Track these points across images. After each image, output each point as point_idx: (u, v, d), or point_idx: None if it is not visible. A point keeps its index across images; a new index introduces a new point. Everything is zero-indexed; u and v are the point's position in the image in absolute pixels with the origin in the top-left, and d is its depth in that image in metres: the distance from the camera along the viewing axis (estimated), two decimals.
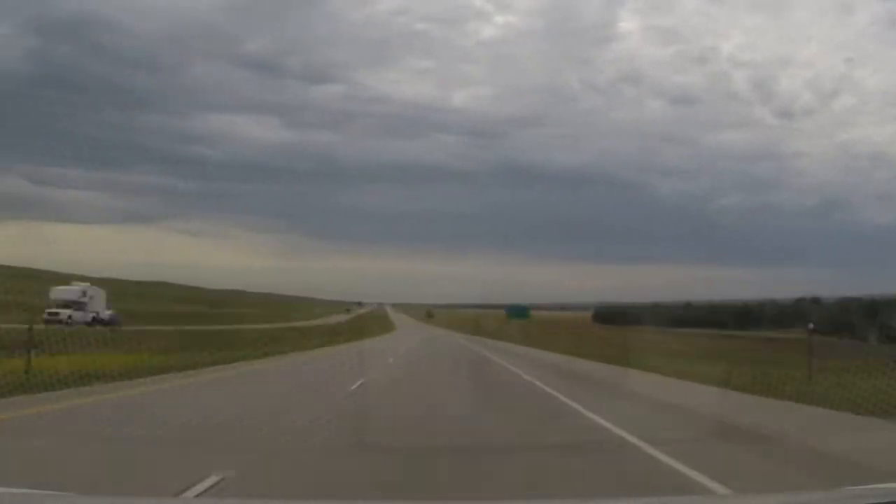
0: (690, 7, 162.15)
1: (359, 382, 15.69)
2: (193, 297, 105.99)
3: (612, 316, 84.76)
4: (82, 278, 42.60)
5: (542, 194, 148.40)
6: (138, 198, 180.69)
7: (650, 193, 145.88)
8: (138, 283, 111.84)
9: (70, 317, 35.20)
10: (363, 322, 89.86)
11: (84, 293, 38.99)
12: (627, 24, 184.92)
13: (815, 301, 78.59)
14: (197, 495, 5.45)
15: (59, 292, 37.88)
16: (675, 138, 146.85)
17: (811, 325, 24.15)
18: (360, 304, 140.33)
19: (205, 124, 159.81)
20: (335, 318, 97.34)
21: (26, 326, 15.94)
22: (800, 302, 79.83)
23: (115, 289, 60.33)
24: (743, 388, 14.05)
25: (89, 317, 37.13)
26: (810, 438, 8.81)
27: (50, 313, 34.59)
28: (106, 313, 40.46)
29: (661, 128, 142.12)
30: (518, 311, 73.68)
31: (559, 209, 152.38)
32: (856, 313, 60.42)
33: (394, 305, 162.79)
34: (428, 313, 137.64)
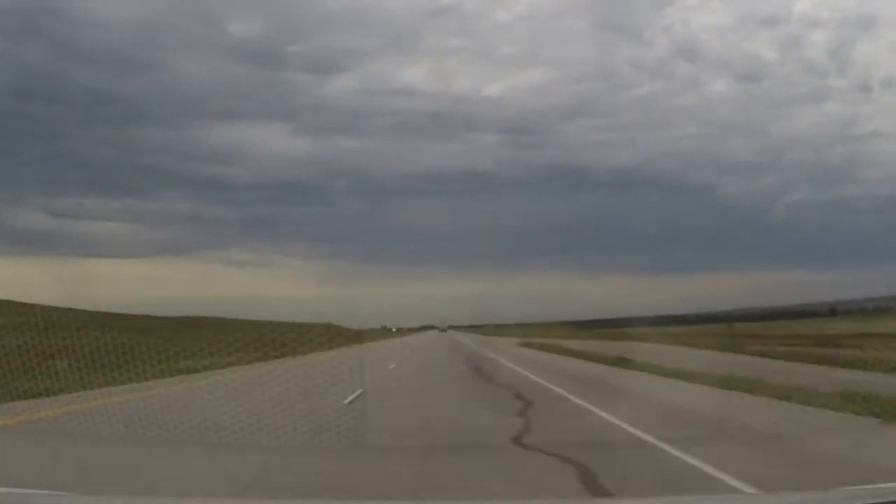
0: None
1: None
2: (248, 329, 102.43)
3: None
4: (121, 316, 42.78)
5: (593, 200, 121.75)
6: (167, 227, 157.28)
7: (711, 194, 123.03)
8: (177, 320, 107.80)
9: None
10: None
11: None
12: None
13: None
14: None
15: None
16: (740, 125, 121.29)
17: None
18: (408, 329, 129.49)
19: (209, 137, 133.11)
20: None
21: None
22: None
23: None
24: None
25: None
26: None
27: None
28: None
29: (723, 113, 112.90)
30: None
31: (611, 216, 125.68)
32: None
33: (444, 330, 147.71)
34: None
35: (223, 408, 12.54)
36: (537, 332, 65.27)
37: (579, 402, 13.38)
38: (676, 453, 7.85)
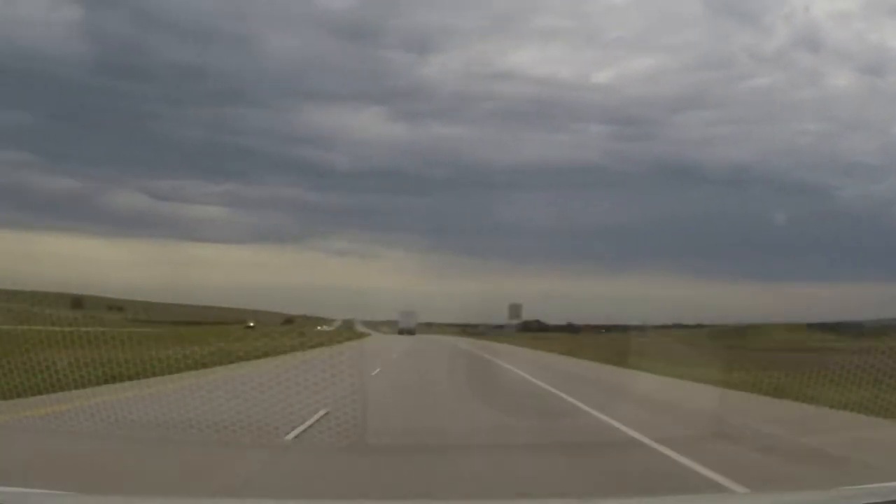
0: None
1: None
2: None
3: None
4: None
5: (703, 199, 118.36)
6: (268, 213, 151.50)
7: (827, 196, 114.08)
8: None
9: None
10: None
11: None
12: None
13: None
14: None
15: None
16: (862, 123, 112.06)
17: None
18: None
19: (308, 120, 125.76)
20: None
21: None
22: None
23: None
24: None
25: None
26: None
27: None
28: None
29: (844, 109, 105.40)
30: None
31: (720, 217, 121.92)
32: None
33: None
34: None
35: None
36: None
37: None
38: None
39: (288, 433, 8.97)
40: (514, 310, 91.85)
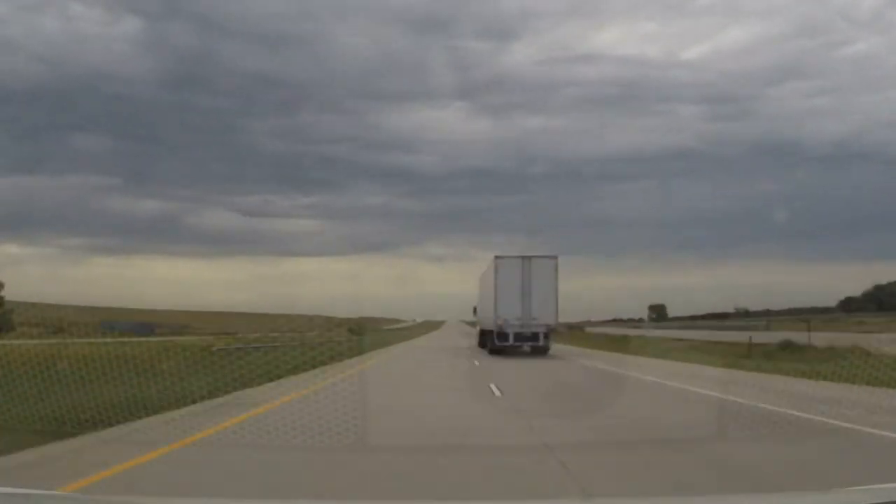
0: None
1: None
2: None
3: None
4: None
5: (805, 178, 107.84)
6: (360, 223, 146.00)
7: None
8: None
9: None
10: None
11: None
12: None
13: None
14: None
15: None
16: None
17: None
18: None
19: (387, 122, 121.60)
20: None
21: None
22: None
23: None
24: None
25: None
26: None
27: None
28: None
29: None
30: None
31: (823, 196, 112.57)
32: None
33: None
34: None
35: None
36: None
37: None
38: None
39: None
40: (657, 309, 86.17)
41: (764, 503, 4.09)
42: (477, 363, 24.42)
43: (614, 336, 47.52)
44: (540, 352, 28.15)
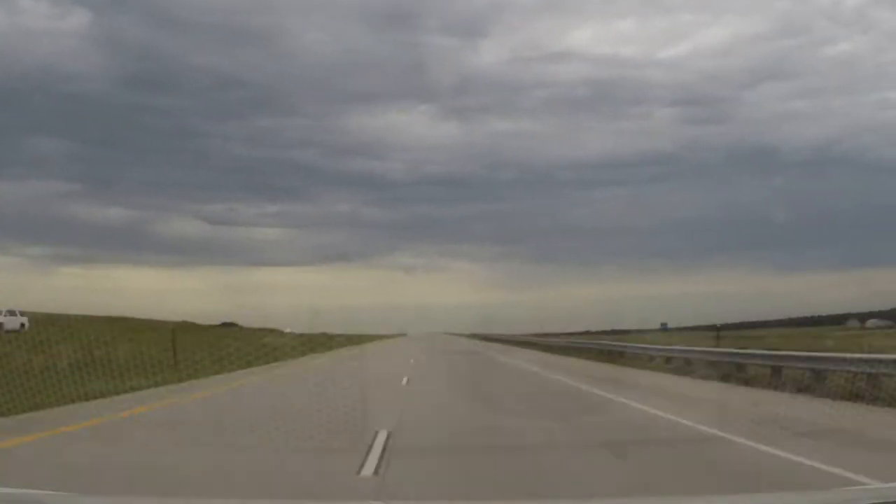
0: None
1: None
2: None
3: None
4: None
5: (784, 185, 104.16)
6: (329, 232, 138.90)
7: None
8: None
9: None
10: None
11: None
12: None
13: None
14: None
15: None
16: None
17: None
18: None
19: (351, 125, 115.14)
20: None
21: None
22: None
23: None
24: None
25: None
26: None
27: None
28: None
29: None
30: None
31: (801, 203, 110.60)
32: None
33: None
34: None
35: None
36: None
37: None
38: None
39: None
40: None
41: (764, 503, 4.09)
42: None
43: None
44: None
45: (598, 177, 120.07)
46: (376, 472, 7.00)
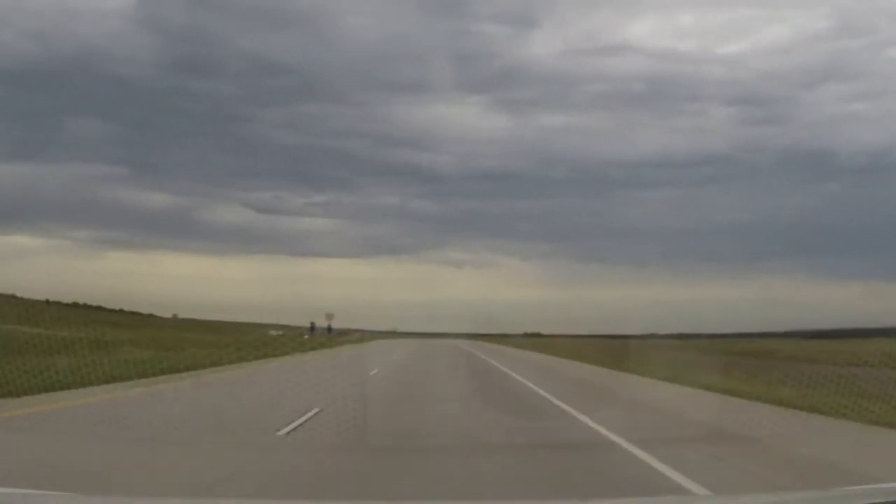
0: None
1: None
2: None
3: None
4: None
5: (840, 191, 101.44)
6: (378, 224, 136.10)
7: None
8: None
9: None
10: None
11: None
12: None
13: None
14: None
15: None
16: None
17: None
18: None
19: (398, 114, 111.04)
20: None
21: None
22: None
23: None
24: None
25: None
26: None
27: None
28: None
29: None
30: None
31: (857, 211, 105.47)
32: None
33: None
34: None
35: None
36: None
37: None
38: None
39: None
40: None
41: (764, 503, 4.09)
42: None
43: None
44: None
45: (649, 176, 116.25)
46: None
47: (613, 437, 9.82)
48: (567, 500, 5.91)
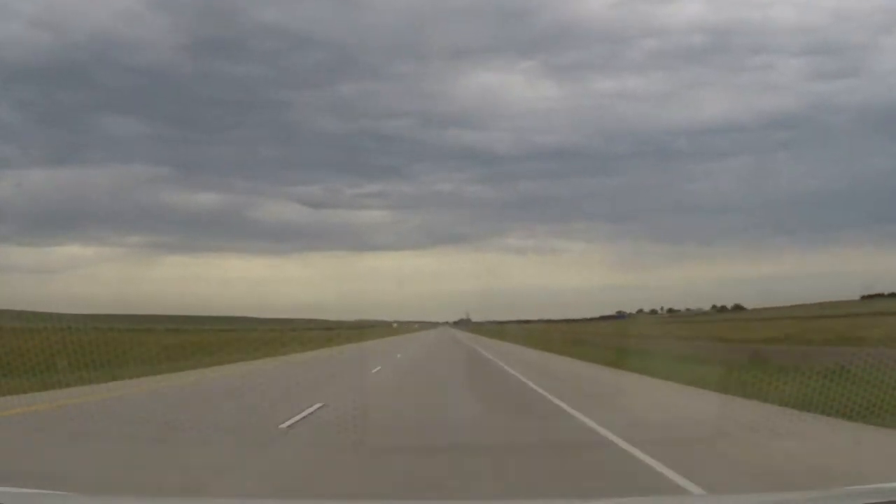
0: None
1: None
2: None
3: None
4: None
5: None
6: (432, 213, 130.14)
7: None
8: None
9: None
10: None
11: None
12: None
13: None
14: None
15: None
16: None
17: None
18: None
19: (445, 88, 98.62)
20: None
21: None
22: None
23: None
24: None
25: None
26: None
27: None
28: None
29: None
30: None
31: None
32: None
33: None
34: None
35: None
36: None
37: None
38: None
39: None
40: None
41: (763, 503, 4.08)
42: None
43: None
44: None
45: (715, 145, 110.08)
46: None
47: None
48: (567, 499, 5.91)
